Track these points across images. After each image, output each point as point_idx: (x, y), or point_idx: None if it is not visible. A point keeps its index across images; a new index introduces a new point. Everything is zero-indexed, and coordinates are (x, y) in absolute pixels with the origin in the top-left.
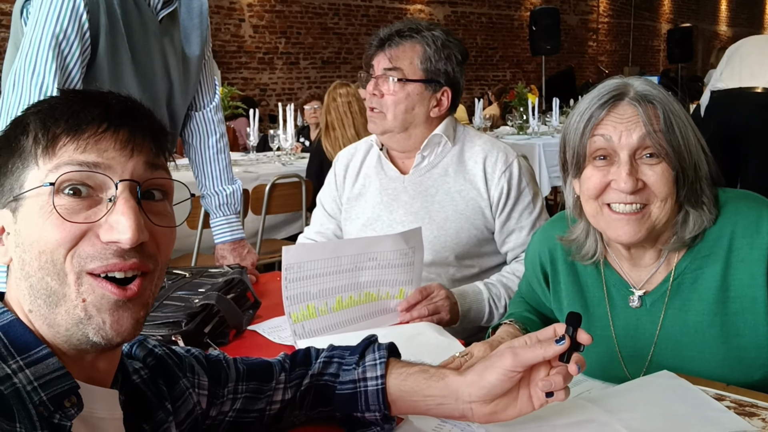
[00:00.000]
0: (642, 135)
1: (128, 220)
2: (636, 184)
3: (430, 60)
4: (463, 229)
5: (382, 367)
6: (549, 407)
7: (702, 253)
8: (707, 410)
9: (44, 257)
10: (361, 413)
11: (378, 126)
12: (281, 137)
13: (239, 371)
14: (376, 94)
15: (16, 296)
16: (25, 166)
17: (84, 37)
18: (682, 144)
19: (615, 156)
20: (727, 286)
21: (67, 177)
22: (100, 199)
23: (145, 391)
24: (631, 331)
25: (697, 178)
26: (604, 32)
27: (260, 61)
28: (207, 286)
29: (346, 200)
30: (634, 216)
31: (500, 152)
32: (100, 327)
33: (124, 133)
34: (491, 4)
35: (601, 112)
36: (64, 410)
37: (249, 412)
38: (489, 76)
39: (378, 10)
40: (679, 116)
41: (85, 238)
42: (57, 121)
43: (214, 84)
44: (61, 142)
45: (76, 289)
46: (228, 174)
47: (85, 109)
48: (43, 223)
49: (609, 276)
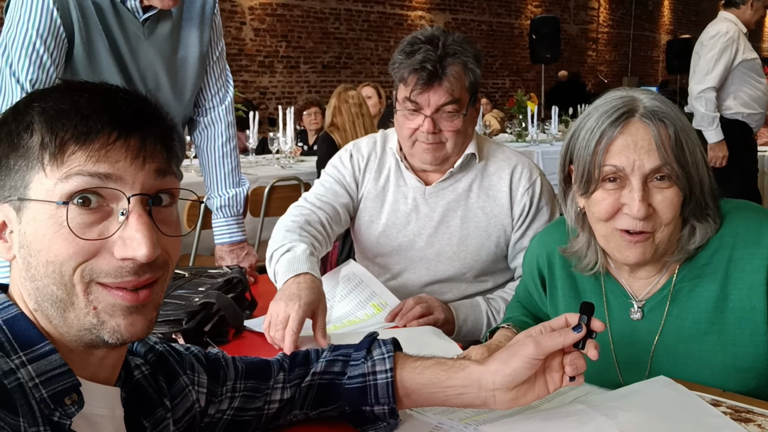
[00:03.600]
0: (654, 160)
1: (144, 238)
2: (648, 210)
3: (471, 74)
4: (484, 246)
5: (391, 360)
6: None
7: (702, 262)
8: (704, 416)
9: (51, 267)
10: (370, 407)
11: (438, 157)
12: (280, 140)
13: (238, 370)
14: (435, 132)
15: (20, 293)
16: (30, 167)
17: (58, 33)
18: (691, 162)
19: (626, 180)
20: (726, 295)
21: (79, 188)
22: (111, 210)
23: (146, 388)
24: (628, 339)
25: (703, 193)
26: (603, 42)
27: (260, 65)
28: (207, 285)
29: (364, 196)
30: (642, 239)
31: (525, 168)
32: (114, 330)
33: (135, 142)
34: (492, 12)
35: (613, 132)
36: (64, 408)
37: (247, 411)
38: (489, 84)
39: (379, 16)
40: (688, 133)
41: (98, 255)
42: (65, 125)
43: (225, 86)
44: (70, 149)
45: (86, 298)
46: (234, 177)
47: (94, 114)
48: (52, 235)
49: (609, 285)
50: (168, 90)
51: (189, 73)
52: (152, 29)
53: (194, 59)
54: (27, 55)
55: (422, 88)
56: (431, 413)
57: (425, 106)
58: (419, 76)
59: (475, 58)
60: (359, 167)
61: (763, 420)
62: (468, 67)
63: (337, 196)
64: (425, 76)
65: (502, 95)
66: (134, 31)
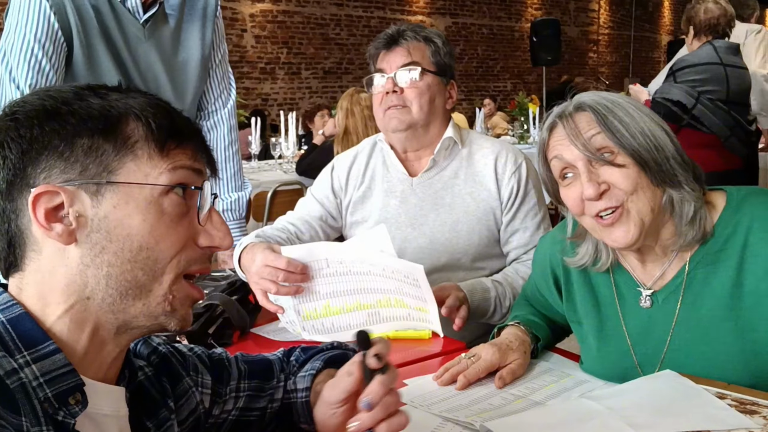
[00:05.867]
0: (583, 142)
1: (226, 229)
2: (598, 188)
3: (439, 54)
4: (475, 230)
5: (309, 379)
6: (551, 406)
7: (715, 248)
8: (709, 408)
9: (145, 253)
10: (301, 425)
11: (403, 121)
12: (283, 145)
13: (241, 370)
14: (396, 90)
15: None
16: (122, 154)
17: (56, 38)
18: (626, 131)
19: (575, 169)
20: (741, 280)
21: (184, 180)
22: (192, 205)
23: (150, 389)
24: (644, 330)
25: (664, 158)
26: (604, 44)
27: (262, 71)
28: (210, 288)
29: (351, 204)
30: (617, 218)
31: (510, 152)
32: (183, 319)
33: (196, 145)
34: (492, 16)
35: (546, 135)
36: (68, 407)
37: (251, 411)
38: (490, 87)
39: (379, 21)
40: (615, 107)
41: (188, 243)
42: (161, 121)
43: (228, 89)
44: (170, 145)
45: (169, 287)
46: (236, 181)
47: (177, 116)
48: (154, 221)
49: (619, 275)
50: (169, 92)
51: (190, 75)
52: (153, 30)
53: (196, 61)
54: (26, 61)
55: (384, 54)
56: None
57: (387, 69)
58: (381, 45)
59: (441, 40)
60: (339, 178)
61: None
62: (431, 41)
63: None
64: (385, 42)
65: (503, 98)
66: (134, 32)
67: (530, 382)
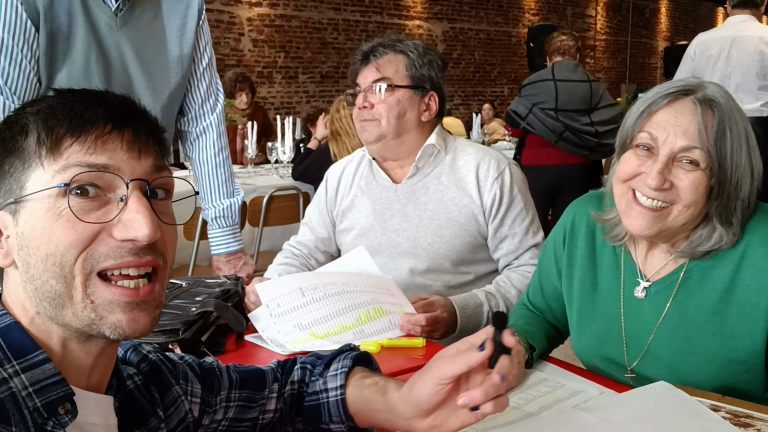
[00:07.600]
0: (688, 140)
1: (144, 218)
2: (662, 184)
3: (414, 66)
4: (457, 235)
5: (342, 377)
6: (545, 418)
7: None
8: (703, 421)
9: (51, 260)
10: (326, 425)
11: (371, 133)
12: (279, 150)
13: (232, 379)
14: (366, 106)
15: (19, 299)
16: (26, 167)
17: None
18: (729, 158)
19: (656, 151)
20: (733, 288)
21: (77, 178)
22: (109, 199)
23: (139, 398)
24: (633, 317)
25: (735, 197)
26: (601, 49)
27: (259, 75)
28: (204, 295)
29: (340, 212)
30: (652, 212)
31: (492, 159)
32: (115, 326)
33: (129, 134)
34: (489, 21)
35: (661, 103)
36: (57, 417)
37: (242, 421)
38: (487, 92)
39: (377, 26)
40: (738, 131)
41: (98, 239)
42: (60, 121)
43: (215, 94)
44: (66, 142)
45: (83, 291)
46: (227, 188)
47: (87, 109)
48: (51, 225)
49: (627, 261)
50: (143, 85)
51: (167, 70)
52: (126, 20)
53: (174, 56)
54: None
55: (357, 70)
56: None
57: (361, 85)
58: (357, 61)
59: (418, 52)
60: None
61: (762, 425)
62: (408, 55)
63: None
64: (359, 60)
65: (500, 103)
66: (105, 20)
67: (524, 393)
